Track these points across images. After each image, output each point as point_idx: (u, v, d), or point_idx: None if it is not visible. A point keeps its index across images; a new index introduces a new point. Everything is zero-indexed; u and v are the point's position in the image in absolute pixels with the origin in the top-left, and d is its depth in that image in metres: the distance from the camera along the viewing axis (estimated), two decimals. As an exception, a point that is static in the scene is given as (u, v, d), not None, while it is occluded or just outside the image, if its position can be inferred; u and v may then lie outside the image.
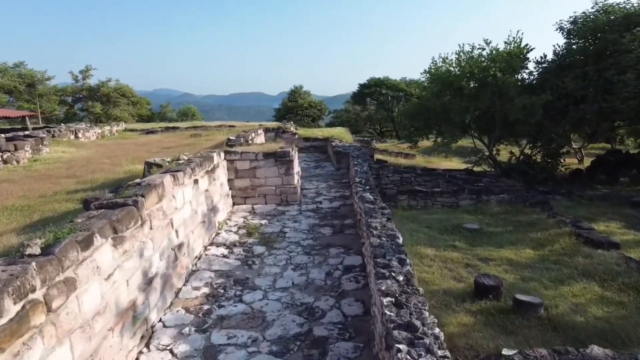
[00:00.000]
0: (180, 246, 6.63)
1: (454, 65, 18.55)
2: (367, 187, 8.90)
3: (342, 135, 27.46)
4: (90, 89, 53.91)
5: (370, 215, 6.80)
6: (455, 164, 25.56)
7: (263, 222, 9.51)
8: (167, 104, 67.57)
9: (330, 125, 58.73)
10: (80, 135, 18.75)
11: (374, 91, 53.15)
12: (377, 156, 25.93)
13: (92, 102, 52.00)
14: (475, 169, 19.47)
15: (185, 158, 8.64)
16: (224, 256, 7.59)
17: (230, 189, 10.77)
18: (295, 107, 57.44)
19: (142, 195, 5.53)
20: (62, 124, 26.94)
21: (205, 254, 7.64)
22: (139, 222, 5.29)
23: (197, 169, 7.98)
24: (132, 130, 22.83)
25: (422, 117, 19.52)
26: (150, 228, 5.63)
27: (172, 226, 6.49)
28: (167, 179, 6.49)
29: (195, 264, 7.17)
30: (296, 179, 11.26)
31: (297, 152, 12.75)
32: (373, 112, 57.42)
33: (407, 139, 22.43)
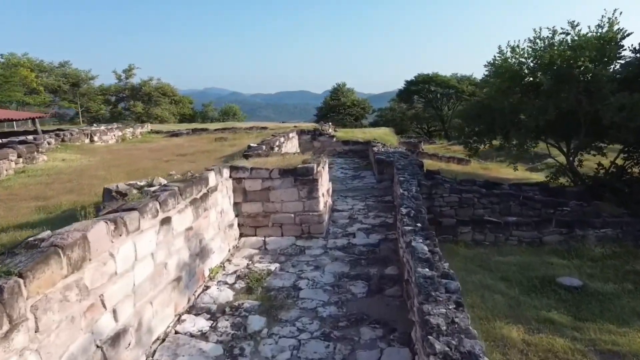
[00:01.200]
0: (117, 337, 4.16)
1: (526, 55, 15.20)
2: (418, 226, 6.09)
3: (385, 137, 24.57)
4: (133, 88, 53.79)
5: (427, 294, 4.04)
6: (520, 173, 22.02)
7: (273, 267, 6.95)
8: (209, 103, 66.88)
9: (374, 124, 55.66)
10: (96, 138, 17.07)
11: (421, 88, 49.57)
12: (426, 162, 22.84)
13: (133, 102, 51.77)
14: (551, 183, 16.05)
15: (163, 182, 6.21)
16: (202, 335, 5.05)
17: (236, 215, 8.29)
18: (337, 106, 54.82)
19: (20, 275, 3.09)
20: (91, 125, 25.82)
21: (175, 332, 5.13)
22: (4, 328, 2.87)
23: (172, 201, 5.52)
24: (157, 132, 21.12)
25: (485, 120, 16.29)
26: (36, 331, 3.19)
27: (104, 307, 4.04)
28: (99, 229, 4.04)
29: (152, 355, 4.68)
30: (322, 204, 8.60)
31: (326, 166, 10.12)
32: (420, 111, 53.76)
33: (464, 144, 19.17)
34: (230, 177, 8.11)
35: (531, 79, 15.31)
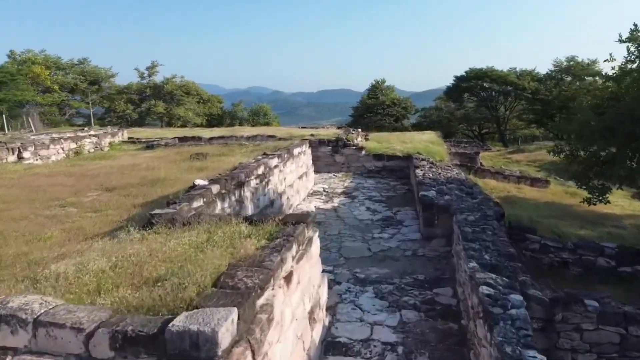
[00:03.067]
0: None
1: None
2: None
3: (432, 147, 18.71)
4: (155, 87, 50.22)
5: None
6: (635, 204, 15.58)
7: None
8: (238, 102, 62.64)
9: (417, 126, 49.35)
10: (28, 154, 12.41)
11: (474, 85, 42.80)
12: (489, 183, 16.88)
13: (155, 101, 48.08)
14: None
15: None
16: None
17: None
18: (375, 105, 48.94)
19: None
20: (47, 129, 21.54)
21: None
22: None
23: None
24: (133, 142, 16.35)
25: (617, 135, 9.59)
26: None
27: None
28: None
29: None
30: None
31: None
32: (471, 111, 46.91)
33: (578, 179, 11.53)
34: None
35: None
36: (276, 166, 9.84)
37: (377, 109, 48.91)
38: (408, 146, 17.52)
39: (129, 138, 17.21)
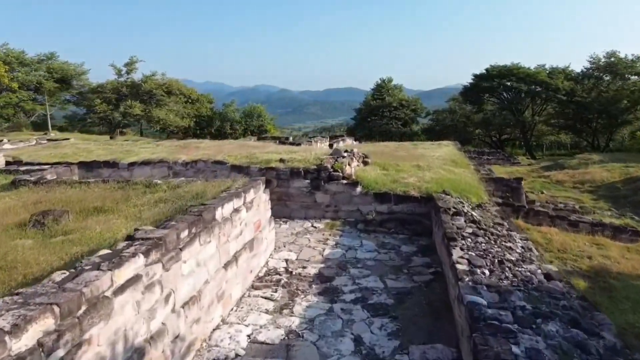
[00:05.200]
0: None
1: None
2: None
3: (459, 177, 13.01)
4: (133, 85, 44.70)
5: None
6: None
7: None
8: (230, 102, 56.96)
9: (428, 132, 43.46)
10: None
11: (496, 85, 36.78)
12: (553, 238, 11.06)
13: (131, 101, 42.52)
14: None
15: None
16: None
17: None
18: (380, 107, 43.07)
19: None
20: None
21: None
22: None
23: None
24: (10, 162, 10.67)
25: None
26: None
27: None
28: None
29: None
30: None
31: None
32: (491, 115, 40.86)
33: None
34: None
35: None
36: (134, 280, 4.04)
37: (382, 111, 43.07)
38: (427, 177, 11.69)
39: (6, 162, 11.46)
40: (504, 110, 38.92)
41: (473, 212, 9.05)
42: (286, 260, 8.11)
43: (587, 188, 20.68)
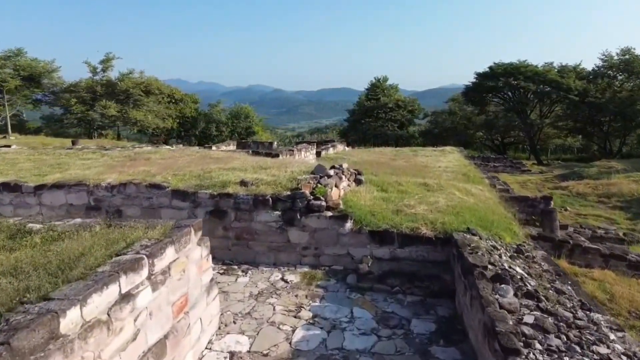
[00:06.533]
0: None
1: None
2: None
3: (480, 201, 10.07)
4: (108, 84, 41.42)
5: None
6: None
7: None
8: (217, 103, 53.80)
9: (427, 134, 40.52)
10: None
11: (502, 84, 33.89)
12: (617, 292, 8.07)
13: (105, 101, 39.24)
14: None
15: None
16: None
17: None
18: (375, 108, 40.12)
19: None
20: None
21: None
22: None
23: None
24: None
25: None
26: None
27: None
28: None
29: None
30: None
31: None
32: (494, 117, 38.00)
33: None
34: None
35: None
36: None
37: (377, 112, 40.08)
38: (441, 203, 8.71)
39: None
40: (509, 112, 36.08)
41: (517, 268, 6.07)
42: (231, 355, 5.08)
43: (616, 203, 17.80)
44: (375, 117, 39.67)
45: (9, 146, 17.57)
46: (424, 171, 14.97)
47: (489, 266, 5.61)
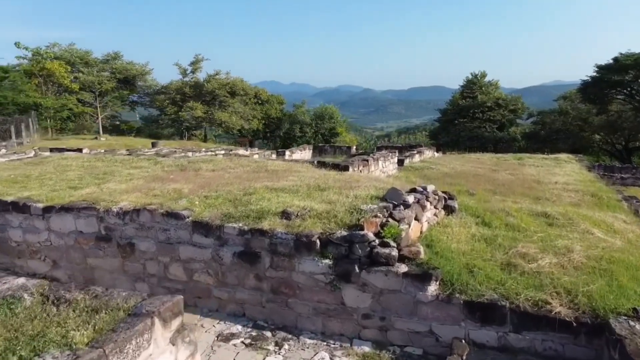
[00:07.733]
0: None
1: None
2: None
3: (632, 248, 6.73)
4: (196, 86, 42.06)
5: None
6: None
7: None
8: (301, 103, 52.73)
9: (531, 137, 35.40)
10: None
11: (632, 79, 28.11)
12: None
13: (192, 103, 39.78)
14: None
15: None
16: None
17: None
18: (471, 107, 35.96)
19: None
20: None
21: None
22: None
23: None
24: None
25: None
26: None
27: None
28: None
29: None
30: None
31: None
32: (618, 117, 31.91)
33: None
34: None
35: None
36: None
37: (473, 112, 35.87)
38: (577, 253, 5.73)
39: None
40: (639, 111, 29.90)
41: None
42: None
43: None
44: (471, 117, 35.49)
45: (80, 150, 17.22)
46: (536, 189, 11.67)
47: None
